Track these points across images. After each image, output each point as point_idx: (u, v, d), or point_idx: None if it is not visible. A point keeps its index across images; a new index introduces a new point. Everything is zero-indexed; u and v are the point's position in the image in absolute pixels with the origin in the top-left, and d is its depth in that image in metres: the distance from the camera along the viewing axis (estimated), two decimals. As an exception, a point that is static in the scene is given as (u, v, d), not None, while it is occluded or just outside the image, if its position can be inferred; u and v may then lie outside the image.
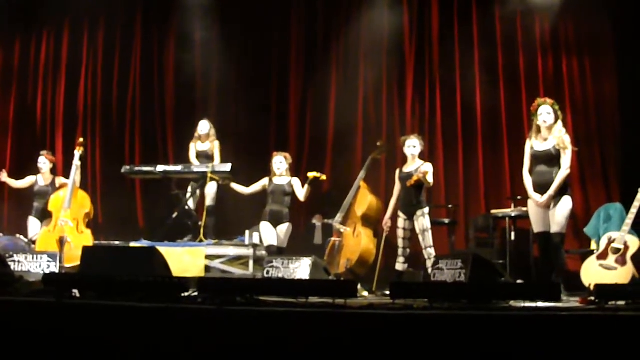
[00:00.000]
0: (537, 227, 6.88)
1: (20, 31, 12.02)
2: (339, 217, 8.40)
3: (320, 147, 10.38)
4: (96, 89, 11.64)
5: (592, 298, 4.87)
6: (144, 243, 8.71)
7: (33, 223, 9.24)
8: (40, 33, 12.01)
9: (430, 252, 7.57)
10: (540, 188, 6.75)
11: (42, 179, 9.44)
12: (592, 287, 5.03)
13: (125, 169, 9.64)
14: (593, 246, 8.09)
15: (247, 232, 8.69)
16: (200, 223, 8.96)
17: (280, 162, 8.63)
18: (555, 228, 6.66)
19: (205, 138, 9.44)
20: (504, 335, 4.03)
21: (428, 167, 7.74)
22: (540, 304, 4.71)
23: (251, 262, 8.45)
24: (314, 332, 4.12)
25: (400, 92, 10.34)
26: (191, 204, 9.30)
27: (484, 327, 4.07)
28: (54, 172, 9.64)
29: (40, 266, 7.18)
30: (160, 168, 9.34)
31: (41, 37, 12.01)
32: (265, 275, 6.68)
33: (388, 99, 10.32)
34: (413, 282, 7.55)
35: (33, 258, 7.24)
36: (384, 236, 8.15)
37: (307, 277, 6.51)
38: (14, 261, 7.07)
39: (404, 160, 8.15)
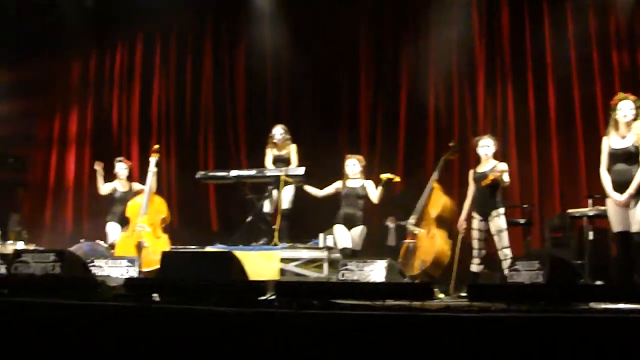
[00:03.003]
0: (616, 226, 6.73)
1: (96, 45, 12.42)
2: (412, 218, 8.36)
3: (392, 148, 10.37)
4: (169, 97, 11.94)
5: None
6: (219, 247, 8.81)
7: (112, 228, 9.44)
8: (115, 46, 12.40)
9: (506, 253, 7.48)
10: (619, 186, 6.60)
11: (120, 185, 9.64)
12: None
13: (199, 174, 9.77)
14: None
15: (321, 235, 8.73)
16: (274, 227, 9.02)
17: (353, 165, 8.63)
18: (635, 227, 6.48)
19: (281, 144, 9.47)
20: (584, 339, 3.96)
21: (504, 167, 7.65)
22: (621, 306, 4.61)
23: (325, 265, 8.45)
24: (391, 335, 4.11)
25: (472, 92, 10.25)
26: (267, 207, 9.34)
27: (564, 330, 4.00)
28: (130, 178, 9.84)
29: (119, 271, 7.32)
30: (234, 173, 9.42)
31: (115, 50, 12.42)
32: (340, 278, 6.67)
33: (459, 99, 10.26)
34: (491, 283, 7.47)
35: (113, 263, 7.39)
36: (458, 237, 8.09)
37: (383, 280, 6.49)
38: (94, 266, 7.22)
39: (477, 160, 8.08)
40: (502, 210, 7.62)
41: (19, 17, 11.66)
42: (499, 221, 7.57)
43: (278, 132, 9.47)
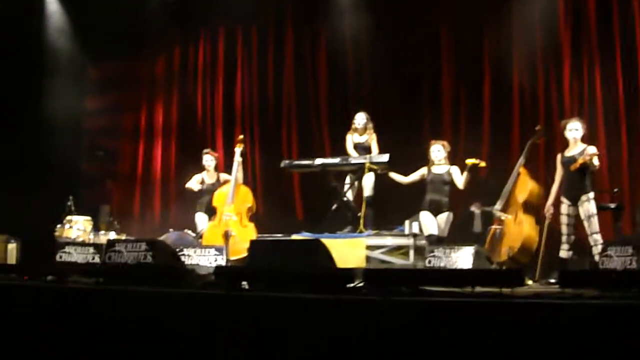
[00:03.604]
0: None
1: (180, 37, 12.62)
2: (499, 204, 8.25)
3: (477, 133, 10.20)
4: (252, 88, 12.07)
5: None
6: (305, 235, 8.88)
7: (200, 218, 9.59)
8: (198, 39, 12.57)
9: (596, 239, 7.33)
10: None
11: (207, 176, 9.79)
12: None
13: (284, 163, 9.86)
14: None
15: (406, 221, 8.69)
16: (359, 214, 9.03)
17: (438, 151, 8.58)
18: None
19: (362, 130, 9.44)
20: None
21: (593, 150, 7.48)
22: None
23: (411, 252, 8.43)
24: (481, 322, 4.07)
25: (558, 75, 10.00)
26: (350, 195, 9.36)
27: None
28: (217, 169, 9.96)
29: (208, 259, 7.45)
30: (319, 161, 9.46)
31: (198, 43, 12.58)
32: (427, 264, 6.66)
33: (545, 82, 10.02)
34: (582, 270, 7.32)
35: (201, 252, 7.53)
36: (546, 223, 7.96)
37: (470, 266, 6.44)
38: (183, 255, 7.37)
39: (564, 144, 7.92)
40: (591, 194, 7.46)
41: (107, 14, 11.94)
42: (588, 206, 7.42)
43: (360, 118, 9.46)
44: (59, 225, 9.99)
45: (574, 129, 7.69)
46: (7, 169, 10.92)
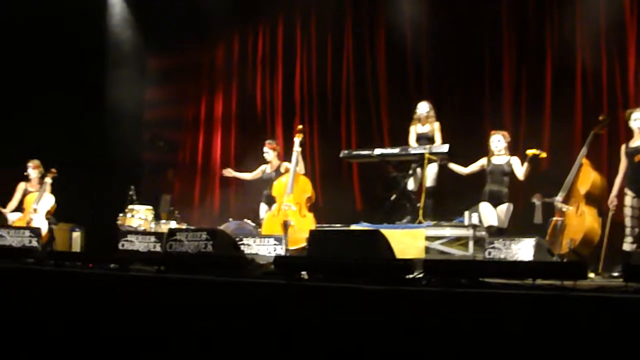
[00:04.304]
0: None
1: (239, 28, 12.72)
2: (560, 195, 8.11)
3: (538, 123, 10.05)
4: (311, 77, 12.09)
5: None
6: (364, 225, 8.89)
7: (263, 209, 9.69)
8: (257, 28, 12.66)
9: (661, 232, 7.19)
10: None
11: (268, 167, 9.87)
12: None
13: (343, 153, 9.88)
14: None
15: (466, 212, 8.65)
16: (418, 205, 9.00)
17: (498, 141, 8.50)
18: None
19: (425, 120, 9.40)
20: None
21: (659, 140, 7.35)
22: None
23: (471, 243, 8.38)
24: (542, 316, 4.03)
25: (622, 63, 9.78)
26: (411, 185, 9.33)
27: None
28: (277, 159, 10.01)
29: (267, 249, 7.51)
30: (378, 151, 9.46)
31: (257, 32, 12.69)
32: (487, 256, 6.61)
33: (608, 71, 9.81)
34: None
35: (260, 241, 7.59)
36: (609, 215, 7.82)
37: (530, 258, 6.37)
38: (243, 244, 7.44)
39: (629, 134, 7.77)
40: (657, 186, 7.31)
41: (168, 5, 12.10)
42: (653, 198, 7.28)
43: (423, 108, 9.43)
44: (121, 214, 10.16)
45: (639, 119, 7.53)
46: (72, 159, 11.14)
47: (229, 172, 10.43)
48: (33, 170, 10.37)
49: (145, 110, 13.40)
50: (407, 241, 8.42)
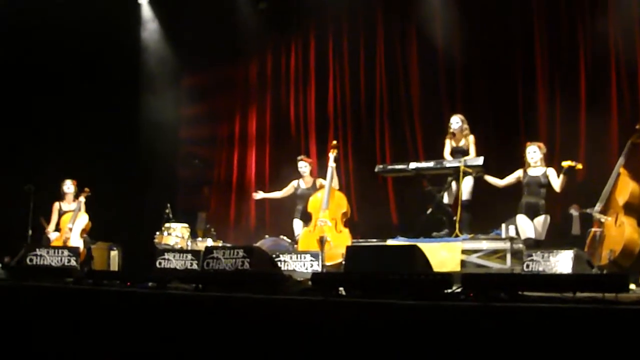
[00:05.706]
0: None
1: (271, 44, 12.77)
2: (598, 206, 8.03)
3: (573, 133, 9.96)
4: (345, 92, 12.11)
5: None
6: (400, 240, 8.86)
7: (297, 225, 9.70)
8: (289, 44, 12.69)
9: (702, 241, 7.08)
10: None
11: (303, 183, 9.89)
12: None
13: (378, 168, 9.86)
14: None
15: (503, 225, 8.58)
16: (455, 218, 8.95)
17: (534, 152, 8.46)
18: None
19: (459, 134, 9.36)
20: None
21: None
22: None
23: (508, 256, 8.30)
24: (583, 329, 3.99)
25: (659, 70, 9.71)
26: (447, 199, 9.29)
27: None
28: (311, 174, 10.04)
29: (304, 265, 7.52)
30: (413, 165, 9.44)
31: (290, 48, 12.71)
32: (525, 269, 6.54)
33: (644, 78, 9.73)
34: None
35: (297, 258, 7.60)
36: (649, 225, 7.73)
37: (569, 271, 6.30)
38: (280, 261, 7.46)
39: (667, 143, 7.69)
40: (698, 196, 7.21)
41: (200, 23, 12.21)
42: (693, 207, 7.17)
43: (455, 121, 9.39)
44: (157, 233, 10.23)
45: (678, 128, 7.46)
46: (109, 178, 11.26)
47: (259, 195, 10.47)
48: (71, 185, 10.44)
49: (181, 127, 13.50)
50: (444, 255, 8.37)
